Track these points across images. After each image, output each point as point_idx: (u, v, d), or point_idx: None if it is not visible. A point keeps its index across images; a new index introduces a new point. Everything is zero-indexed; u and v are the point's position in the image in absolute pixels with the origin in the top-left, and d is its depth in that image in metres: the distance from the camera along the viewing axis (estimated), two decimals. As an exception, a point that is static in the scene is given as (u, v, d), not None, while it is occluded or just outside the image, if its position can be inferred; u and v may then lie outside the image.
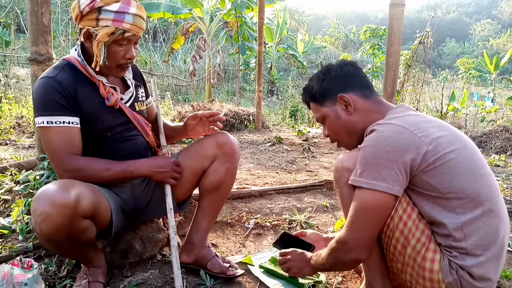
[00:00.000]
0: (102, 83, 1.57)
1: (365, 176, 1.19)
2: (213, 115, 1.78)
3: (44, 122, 1.44)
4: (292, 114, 8.47)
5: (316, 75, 1.48)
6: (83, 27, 1.46)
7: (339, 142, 1.50)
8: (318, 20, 51.28)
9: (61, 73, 1.50)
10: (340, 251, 1.26)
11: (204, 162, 1.72)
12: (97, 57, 1.46)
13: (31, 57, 2.23)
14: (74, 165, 1.47)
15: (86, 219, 1.39)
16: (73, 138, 1.49)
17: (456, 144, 1.20)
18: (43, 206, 1.28)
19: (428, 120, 1.27)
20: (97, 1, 1.41)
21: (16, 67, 9.62)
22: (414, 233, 1.20)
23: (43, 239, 1.36)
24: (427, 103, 7.89)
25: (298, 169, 3.78)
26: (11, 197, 2.44)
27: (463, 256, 1.17)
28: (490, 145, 5.25)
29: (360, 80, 1.42)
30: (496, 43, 37.99)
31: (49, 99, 1.45)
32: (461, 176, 1.17)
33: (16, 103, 6.56)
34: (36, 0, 2.17)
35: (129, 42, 1.51)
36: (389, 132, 1.20)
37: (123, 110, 1.63)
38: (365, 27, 11.30)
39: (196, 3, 9.01)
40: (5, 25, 14.84)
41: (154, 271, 1.76)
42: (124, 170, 1.55)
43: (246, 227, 2.31)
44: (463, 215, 1.16)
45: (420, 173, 1.17)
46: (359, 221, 1.20)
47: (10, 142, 4.46)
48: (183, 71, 15.53)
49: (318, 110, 1.47)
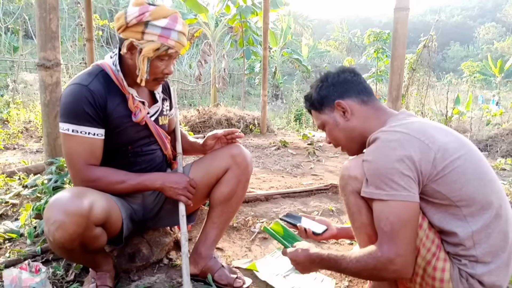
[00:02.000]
0: (132, 97, 1.55)
1: (384, 188, 1.14)
2: (231, 133, 1.77)
3: (70, 130, 1.43)
4: (296, 118, 8.49)
5: (315, 83, 1.49)
6: (126, 38, 1.43)
7: (341, 148, 1.49)
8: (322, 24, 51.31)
9: (94, 81, 1.48)
10: (383, 270, 1.14)
11: (217, 173, 1.71)
12: (142, 72, 1.45)
13: (39, 62, 2.26)
14: (91, 176, 1.47)
15: (98, 227, 1.40)
16: (94, 150, 1.49)
17: (462, 150, 1.18)
18: (57, 214, 1.28)
19: (432, 126, 1.25)
20: (146, 15, 1.39)
21: (24, 72, 9.70)
22: (424, 243, 1.18)
23: (56, 247, 1.37)
24: (431, 106, 7.86)
25: (303, 173, 3.78)
26: (19, 201, 2.46)
27: (472, 264, 1.15)
28: (496, 148, 5.23)
29: (358, 86, 1.41)
30: (500, 46, 37.80)
31: (79, 108, 1.43)
32: (470, 183, 1.15)
33: (24, 108, 6.62)
34: (44, 6, 2.20)
35: (170, 58, 1.50)
36: (397, 141, 1.17)
37: (148, 125, 1.63)
38: (369, 31, 11.29)
39: (201, 8, 9.07)
40: (13, 31, 15.01)
41: (161, 275, 1.77)
42: (139, 183, 1.54)
43: (252, 231, 2.32)
44: (474, 223, 1.14)
45: (430, 182, 1.15)
46: (400, 236, 1.12)
47: (18, 147, 4.51)
48: (188, 76, 15.61)
49: (318, 118, 1.47)
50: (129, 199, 1.67)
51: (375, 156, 1.19)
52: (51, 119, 2.31)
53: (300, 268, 1.43)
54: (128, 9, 1.43)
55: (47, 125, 2.33)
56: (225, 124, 6.06)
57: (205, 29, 9.87)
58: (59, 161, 2.20)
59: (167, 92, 1.82)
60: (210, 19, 9.97)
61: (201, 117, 6.20)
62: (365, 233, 1.28)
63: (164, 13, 1.43)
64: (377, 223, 1.17)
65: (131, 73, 1.53)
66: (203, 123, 6.10)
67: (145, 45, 1.41)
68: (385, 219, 1.14)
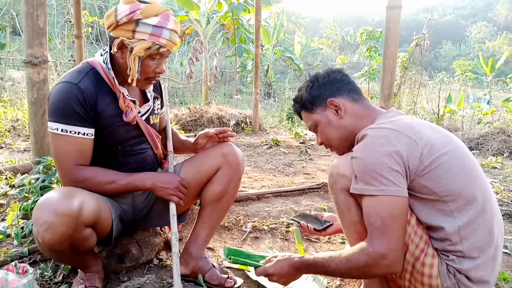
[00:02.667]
0: (123, 95, 1.52)
1: (374, 184, 1.15)
2: (222, 132, 1.75)
3: (59, 129, 1.40)
4: (289, 117, 8.46)
5: (304, 85, 1.50)
6: (116, 36, 1.40)
7: (331, 147, 1.49)
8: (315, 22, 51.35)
9: (84, 79, 1.45)
10: (375, 265, 1.13)
11: (208, 173, 1.69)
12: (133, 71, 1.42)
13: (26, 59, 2.21)
14: (80, 176, 1.45)
15: (87, 228, 1.38)
16: (84, 150, 1.46)
17: (449, 145, 1.20)
18: (46, 215, 1.26)
19: (420, 123, 1.28)
20: (137, 13, 1.37)
21: (11, 70, 9.57)
22: (413, 239, 1.19)
23: (45, 248, 1.34)
24: (423, 105, 7.90)
25: (295, 172, 3.77)
26: (6, 201, 2.42)
27: (460, 260, 1.16)
28: (487, 147, 5.26)
29: (348, 85, 1.43)
30: (492, 45, 38.19)
31: (68, 107, 1.40)
32: (457, 178, 1.16)
33: (12, 106, 6.52)
34: (32, 2, 2.15)
35: (161, 56, 1.48)
36: (384, 137, 1.18)
37: (139, 124, 1.61)
38: (361, 29, 11.26)
39: (193, 5, 9.01)
40: (0, 28, 14.77)
41: (151, 276, 1.75)
42: (129, 183, 1.52)
43: (243, 230, 2.30)
44: (460, 218, 1.15)
45: (417, 177, 1.16)
46: (391, 231, 1.12)
47: (5, 146, 4.43)
48: (179, 74, 15.51)
49: (310, 118, 1.47)
50: (119, 199, 1.64)
51: (364, 153, 1.20)
52: (38, 117, 2.27)
53: (283, 281, 1.39)
54: (119, 6, 1.39)
55: (34, 123, 2.28)
56: (216, 123, 6.03)
57: (197, 26, 9.81)
58: (46, 160, 2.16)
59: (159, 90, 1.80)
60: (202, 16, 9.91)
61: (192, 115, 6.16)
62: (354, 231, 1.29)
63: (156, 11, 1.40)
64: (367, 219, 1.18)
65: (121, 71, 1.50)
66: (194, 121, 6.06)
67: (136, 44, 1.39)
68: (375, 214, 1.15)
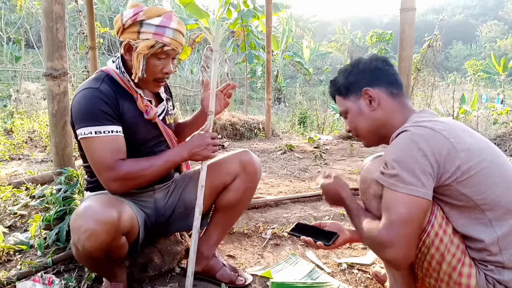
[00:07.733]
0: (140, 96, 1.56)
1: (404, 181, 1.12)
2: (226, 88, 1.79)
3: (92, 133, 1.41)
4: (301, 121, 8.44)
5: (344, 68, 1.44)
6: (124, 39, 1.46)
7: (359, 137, 1.45)
8: (323, 26, 51.37)
9: (103, 84, 1.49)
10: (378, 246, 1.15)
11: (226, 180, 1.71)
12: (136, 69, 1.46)
13: (47, 72, 2.24)
14: (122, 171, 1.44)
15: (123, 236, 1.41)
16: (119, 146, 1.47)
17: (487, 151, 1.16)
18: (88, 223, 1.28)
19: (459, 126, 1.23)
20: (140, 15, 1.43)
21: (26, 82, 9.74)
22: (449, 248, 1.16)
23: (83, 255, 1.35)
24: (436, 106, 7.82)
25: (311, 177, 3.75)
26: (27, 212, 2.45)
27: (499, 270, 1.12)
28: (504, 147, 5.17)
29: (389, 77, 1.36)
30: (503, 44, 37.63)
31: (96, 109, 1.42)
32: (496, 186, 1.12)
33: (28, 118, 6.62)
34: (51, 16, 2.19)
35: (167, 56, 1.51)
36: (423, 136, 1.14)
37: (157, 124, 1.63)
38: (371, 32, 11.27)
39: (202, 13, 9.07)
40: (15, 41, 15.09)
41: (174, 284, 1.74)
42: (166, 161, 1.52)
43: (263, 237, 2.29)
44: (499, 228, 1.12)
45: (455, 183, 1.13)
46: (403, 229, 1.11)
47: (23, 157, 4.50)
48: (190, 82, 15.62)
49: (342, 104, 1.42)
50: (142, 203, 1.66)
51: (399, 148, 1.17)
52: (59, 128, 2.30)
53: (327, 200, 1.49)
54: (124, 12, 1.47)
55: (55, 135, 2.31)
56: (230, 129, 6.03)
57: (206, 34, 9.88)
58: (68, 171, 2.18)
59: (169, 92, 1.85)
60: (211, 24, 9.97)
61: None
62: None
63: (158, 11, 1.46)
64: (385, 207, 1.16)
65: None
66: (208, 128, 6.06)
67: (140, 43, 1.44)
68: (395, 208, 1.13)
